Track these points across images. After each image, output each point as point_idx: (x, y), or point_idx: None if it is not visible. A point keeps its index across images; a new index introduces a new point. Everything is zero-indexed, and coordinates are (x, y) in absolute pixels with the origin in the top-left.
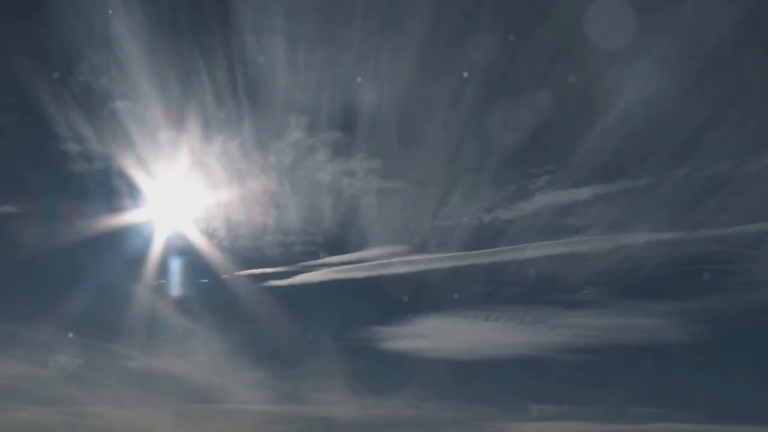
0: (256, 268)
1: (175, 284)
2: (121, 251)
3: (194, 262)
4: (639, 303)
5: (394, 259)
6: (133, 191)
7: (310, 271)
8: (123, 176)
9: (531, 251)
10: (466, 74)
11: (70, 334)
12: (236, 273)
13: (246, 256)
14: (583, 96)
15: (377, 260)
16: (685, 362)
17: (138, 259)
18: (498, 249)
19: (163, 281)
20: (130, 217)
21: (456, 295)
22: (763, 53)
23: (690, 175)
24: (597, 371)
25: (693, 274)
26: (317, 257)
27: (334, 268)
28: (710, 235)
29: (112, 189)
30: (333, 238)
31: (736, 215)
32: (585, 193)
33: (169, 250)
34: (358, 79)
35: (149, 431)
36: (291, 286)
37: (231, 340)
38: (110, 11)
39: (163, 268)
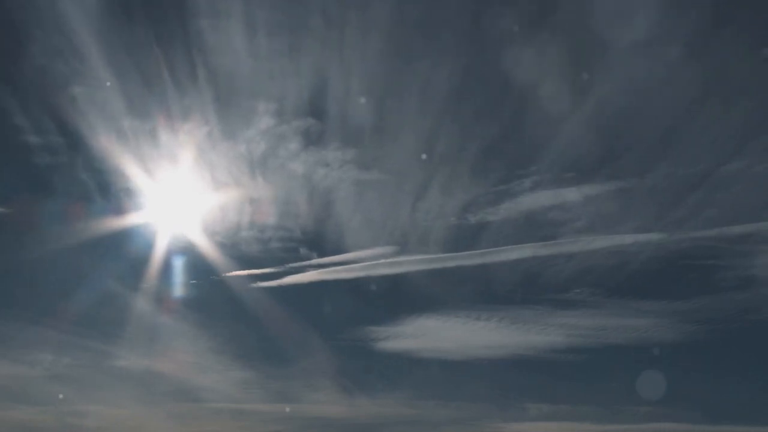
0: (243, 268)
1: (163, 285)
2: (111, 252)
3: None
4: (630, 302)
5: (384, 260)
6: (117, 191)
7: (299, 272)
8: (105, 176)
9: (521, 251)
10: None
11: (61, 335)
12: (225, 274)
13: (232, 255)
14: (571, 96)
15: (367, 261)
16: (678, 361)
17: (127, 260)
18: (488, 250)
19: (152, 282)
20: (115, 216)
21: (446, 296)
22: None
23: (680, 175)
24: (589, 371)
25: (684, 274)
26: (304, 257)
27: (324, 270)
28: (701, 234)
29: (98, 190)
30: (320, 238)
31: (726, 215)
32: (573, 193)
33: (153, 251)
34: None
35: (142, 430)
36: (280, 287)
37: (222, 341)
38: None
39: (149, 269)
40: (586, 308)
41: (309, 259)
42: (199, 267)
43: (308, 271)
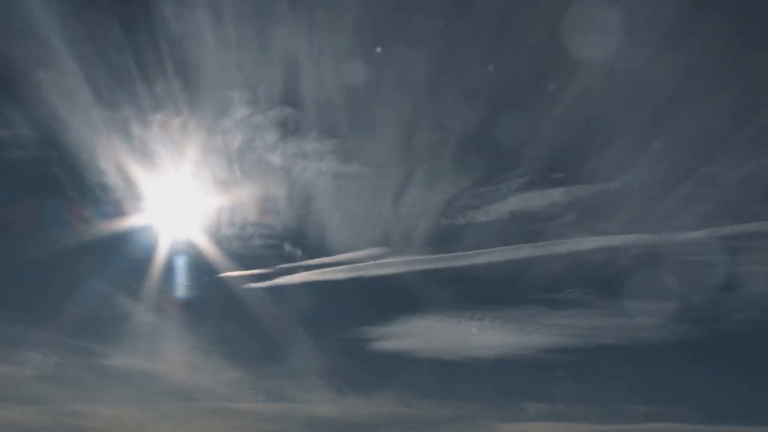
0: (233, 268)
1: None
2: (99, 253)
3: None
4: (623, 302)
5: (377, 261)
6: (92, 188)
7: (291, 273)
8: (78, 172)
9: (513, 252)
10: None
11: (54, 335)
12: (217, 275)
13: (221, 255)
14: (561, 95)
15: (360, 262)
16: (671, 361)
17: (118, 261)
18: (480, 250)
19: (143, 283)
20: (95, 215)
21: (440, 296)
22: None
23: (670, 174)
24: (584, 371)
25: (676, 273)
26: (296, 258)
27: (316, 271)
28: (692, 234)
29: (71, 187)
30: (312, 239)
31: (717, 216)
32: (563, 193)
33: (139, 251)
34: None
35: (137, 430)
36: (273, 288)
37: (216, 341)
38: None
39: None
40: (580, 308)
41: (301, 259)
42: (189, 268)
43: (300, 272)
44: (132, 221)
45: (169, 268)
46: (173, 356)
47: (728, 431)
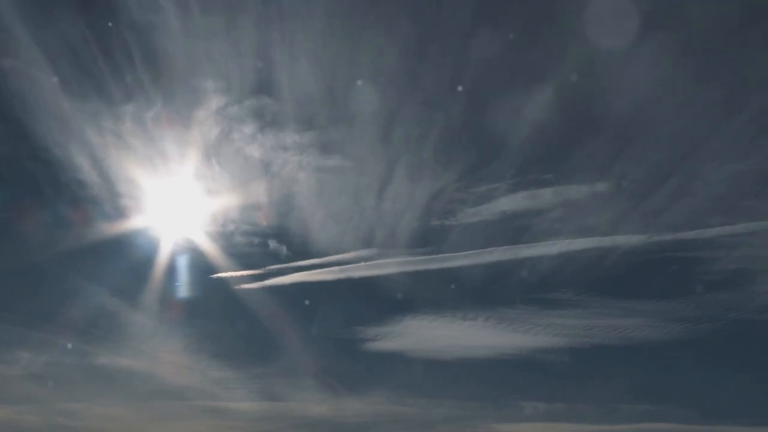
0: (225, 269)
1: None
2: (93, 253)
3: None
4: (616, 302)
5: (370, 262)
6: (71, 185)
7: (283, 274)
8: (54, 168)
9: (505, 253)
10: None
11: (46, 335)
12: (211, 276)
13: (209, 255)
14: (554, 97)
15: (352, 263)
16: (665, 360)
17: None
18: (473, 251)
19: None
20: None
21: (433, 297)
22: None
23: (661, 175)
24: (578, 371)
25: (669, 273)
26: (287, 259)
27: (309, 272)
28: (684, 234)
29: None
30: (301, 240)
31: (712, 217)
32: (556, 194)
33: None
34: None
35: (130, 429)
36: (266, 288)
37: (210, 341)
38: None
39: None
40: (572, 308)
41: (291, 260)
42: (179, 268)
43: (292, 273)
44: (116, 220)
45: (157, 268)
46: (165, 356)
47: (725, 431)
